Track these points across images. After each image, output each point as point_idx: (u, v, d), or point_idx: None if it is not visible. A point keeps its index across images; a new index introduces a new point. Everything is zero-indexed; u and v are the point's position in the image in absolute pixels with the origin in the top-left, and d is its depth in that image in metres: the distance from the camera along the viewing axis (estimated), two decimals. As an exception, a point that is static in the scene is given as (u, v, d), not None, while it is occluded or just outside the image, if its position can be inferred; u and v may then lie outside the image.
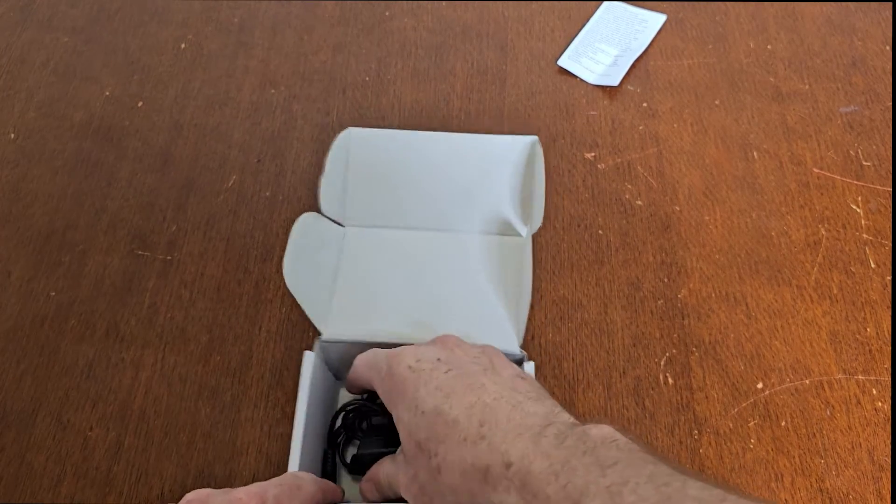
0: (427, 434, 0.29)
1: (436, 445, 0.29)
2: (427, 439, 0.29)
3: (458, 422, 0.29)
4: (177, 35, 0.59)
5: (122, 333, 0.46)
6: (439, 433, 0.29)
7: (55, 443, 0.42)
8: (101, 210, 0.51)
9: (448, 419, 0.29)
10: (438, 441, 0.29)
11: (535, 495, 0.25)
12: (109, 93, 0.56)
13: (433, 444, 0.29)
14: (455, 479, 0.28)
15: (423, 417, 0.30)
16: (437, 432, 0.29)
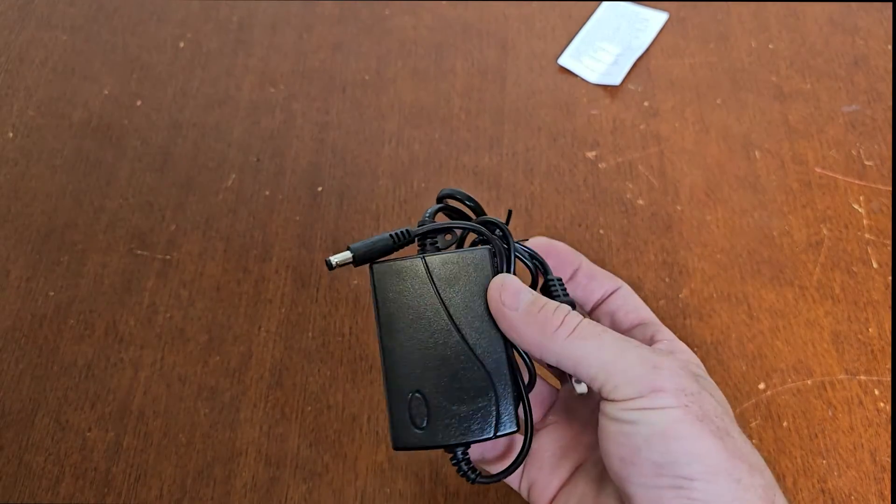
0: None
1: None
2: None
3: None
4: (176, 34, 0.59)
5: (120, 333, 0.46)
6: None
7: (54, 443, 0.42)
8: (100, 209, 0.50)
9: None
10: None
11: None
12: (108, 91, 0.56)
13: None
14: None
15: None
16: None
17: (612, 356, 0.28)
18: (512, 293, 0.30)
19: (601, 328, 0.29)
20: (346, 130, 0.54)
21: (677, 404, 0.27)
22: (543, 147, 0.53)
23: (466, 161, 0.52)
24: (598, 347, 0.29)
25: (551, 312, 0.29)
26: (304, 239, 0.49)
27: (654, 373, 0.28)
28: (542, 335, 0.29)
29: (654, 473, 0.27)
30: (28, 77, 0.57)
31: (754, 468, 0.27)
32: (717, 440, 0.27)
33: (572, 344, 0.29)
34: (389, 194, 0.51)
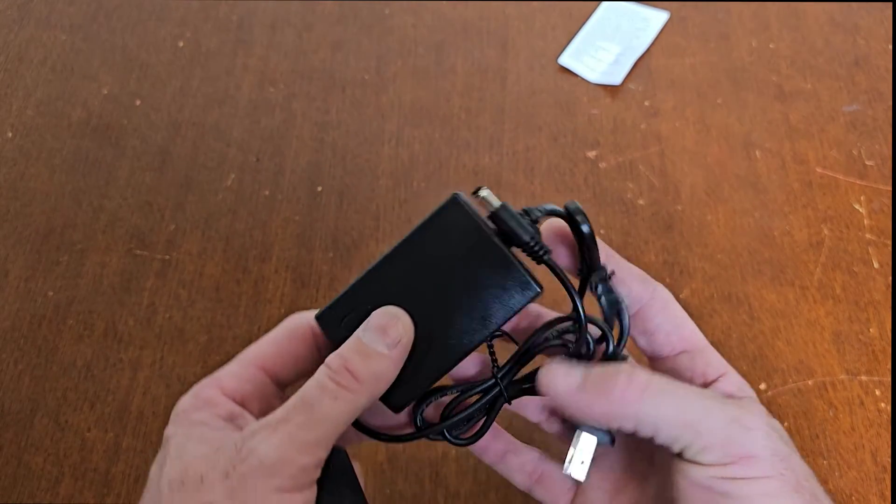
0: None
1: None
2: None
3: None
4: (175, 33, 0.59)
5: (120, 333, 0.45)
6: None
7: (53, 443, 0.42)
8: (99, 209, 0.50)
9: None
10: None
11: None
12: (107, 91, 0.56)
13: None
14: None
15: None
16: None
17: (696, 415, 0.25)
18: (560, 377, 0.27)
19: (671, 381, 0.26)
20: (345, 130, 0.54)
21: (773, 473, 0.25)
22: (544, 146, 0.53)
23: (466, 160, 0.52)
24: (678, 406, 0.25)
25: (611, 377, 0.26)
26: (304, 239, 0.49)
27: (745, 435, 0.25)
28: (611, 405, 0.26)
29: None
30: (27, 76, 0.57)
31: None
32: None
33: (646, 405, 0.25)
34: (389, 194, 0.51)
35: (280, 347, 0.29)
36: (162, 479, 0.25)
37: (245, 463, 0.24)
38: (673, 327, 0.29)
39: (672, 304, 0.29)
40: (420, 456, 0.41)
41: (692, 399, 0.26)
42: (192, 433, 0.26)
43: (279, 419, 0.25)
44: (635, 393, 0.26)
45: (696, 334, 0.29)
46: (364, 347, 0.26)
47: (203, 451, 0.25)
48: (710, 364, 0.29)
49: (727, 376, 0.28)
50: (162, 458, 0.26)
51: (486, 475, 0.41)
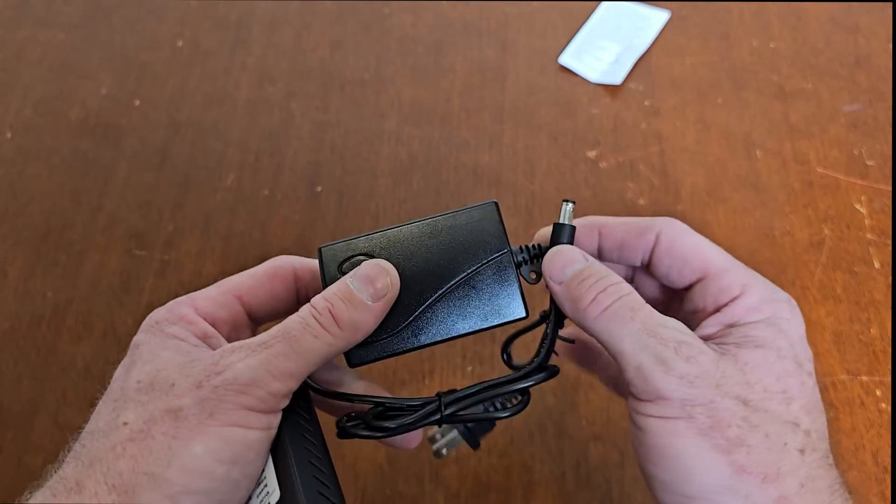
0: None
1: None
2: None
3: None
4: (174, 32, 0.59)
5: (119, 333, 0.45)
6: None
7: (53, 444, 0.42)
8: (98, 209, 0.50)
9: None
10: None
11: None
12: (106, 90, 0.56)
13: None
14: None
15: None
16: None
17: (629, 349, 0.26)
18: (558, 266, 0.28)
19: (634, 309, 0.27)
20: (345, 129, 0.54)
21: (682, 414, 0.25)
22: (544, 146, 0.53)
23: (466, 160, 0.52)
24: (620, 335, 0.26)
25: (586, 288, 0.27)
26: (303, 238, 0.49)
27: (663, 377, 0.26)
28: (576, 311, 0.27)
29: (663, 489, 0.26)
30: (25, 76, 0.56)
31: (768, 479, 0.25)
32: (721, 454, 0.25)
33: (599, 324, 0.27)
34: (388, 193, 0.51)
35: (260, 282, 0.30)
36: (128, 380, 0.26)
37: (220, 376, 0.25)
38: (682, 262, 0.29)
39: (680, 237, 0.30)
40: (420, 456, 0.41)
41: (635, 331, 0.26)
42: (165, 343, 0.27)
43: (259, 343, 0.26)
44: (595, 309, 0.27)
45: (713, 259, 0.29)
46: (350, 294, 0.27)
47: (177, 360, 0.26)
48: (721, 289, 0.28)
49: (738, 300, 0.28)
50: (129, 362, 0.27)
51: (486, 476, 0.41)
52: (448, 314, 0.29)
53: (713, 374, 0.26)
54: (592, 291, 0.27)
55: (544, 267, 0.29)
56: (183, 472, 0.24)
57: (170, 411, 0.24)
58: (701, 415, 0.25)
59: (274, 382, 0.25)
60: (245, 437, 0.24)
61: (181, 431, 0.24)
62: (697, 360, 0.26)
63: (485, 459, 0.41)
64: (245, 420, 0.24)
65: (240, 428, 0.24)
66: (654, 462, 0.26)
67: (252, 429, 0.25)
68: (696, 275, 0.29)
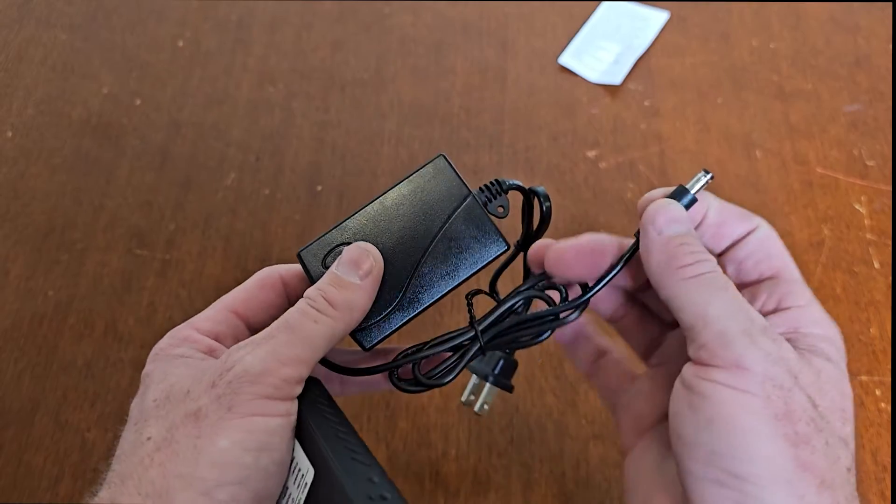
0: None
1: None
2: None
3: None
4: (174, 32, 0.59)
5: (120, 333, 0.45)
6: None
7: (53, 443, 0.42)
8: (99, 208, 0.50)
9: None
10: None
11: None
12: (107, 90, 0.56)
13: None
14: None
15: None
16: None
17: (717, 313, 0.25)
18: (668, 218, 0.28)
19: (726, 285, 0.26)
20: (345, 129, 0.54)
21: (759, 392, 0.24)
22: (544, 146, 0.53)
23: (466, 160, 0.52)
24: (708, 300, 0.26)
25: (687, 252, 0.27)
26: (304, 238, 0.49)
27: (747, 348, 0.24)
28: (667, 267, 0.27)
29: (707, 461, 0.24)
30: (27, 76, 0.57)
31: (825, 485, 0.24)
32: (789, 446, 0.24)
33: (686, 286, 0.26)
34: (389, 194, 0.51)
35: (252, 294, 0.30)
36: (145, 402, 0.26)
37: (231, 371, 0.25)
38: (765, 256, 0.29)
39: (772, 238, 0.29)
40: (420, 456, 0.41)
41: (724, 300, 0.26)
42: (173, 363, 0.27)
43: (263, 336, 0.26)
44: (688, 272, 0.26)
45: (789, 267, 0.29)
46: (338, 279, 0.28)
47: (188, 372, 0.26)
48: (790, 294, 0.28)
49: (804, 309, 0.28)
50: (142, 390, 0.27)
51: (486, 475, 0.41)
52: (438, 271, 0.30)
53: (794, 363, 0.25)
54: (692, 257, 0.27)
55: (650, 211, 0.28)
56: (213, 467, 0.24)
57: (189, 415, 0.25)
58: (778, 399, 0.24)
59: (284, 369, 0.26)
60: (266, 425, 0.25)
61: (204, 430, 0.24)
62: (782, 345, 0.25)
63: (485, 459, 0.41)
64: (263, 408, 0.25)
65: (260, 417, 0.25)
66: (711, 431, 0.24)
67: (272, 416, 0.25)
68: (771, 271, 0.29)
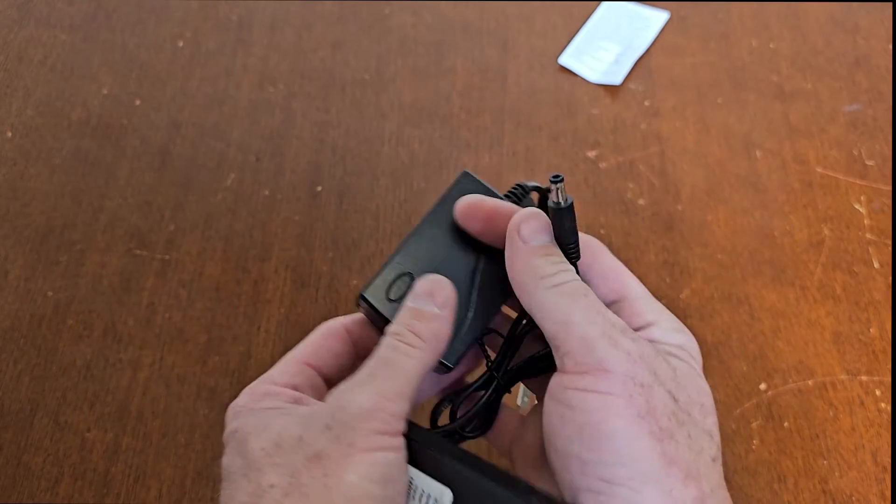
0: None
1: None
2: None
3: None
4: (175, 33, 0.59)
5: (119, 333, 0.45)
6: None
7: (53, 443, 0.42)
8: (99, 209, 0.50)
9: None
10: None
11: None
12: (107, 91, 0.56)
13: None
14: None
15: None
16: None
17: (577, 319, 0.26)
18: (532, 228, 0.28)
19: (587, 292, 0.27)
20: (345, 130, 0.54)
21: (621, 393, 0.25)
22: (544, 146, 0.53)
23: (467, 160, 0.52)
24: (570, 308, 0.26)
25: (549, 263, 0.28)
26: (304, 239, 0.49)
27: (607, 350, 0.25)
28: (530, 276, 0.28)
29: (581, 471, 0.25)
30: (27, 76, 0.57)
31: (690, 477, 0.24)
32: (654, 442, 0.24)
33: (548, 295, 0.27)
34: (389, 194, 0.51)
35: (318, 345, 0.31)
36: (249, 453, 0.26)
37: (344, 411, 0.25)
38: (601, 281, 0.29)
39: (600, 258, 0.30)
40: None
41: (584, 307, 0.26)
42: (266, 415, 0.27)
43: (365, 375, 0.27)
44: (550, 282, 0.27)
45: (631, 285, 0.30)
46: (420, 312, 0.29)
47: (290, 420, 0.26)
48: (638, 313, 0.29)
49: (654, 326, 0.28)
50: (236, 446, 0.27)
51: (486, 475, 0.41)
52: (492, 282, 0.31)
53: (653, 361, 0.26)
54: (554, 267, 0.28)
55: (515, 221, 0.29)
56: (347, 501, 0.24)
57: (310, 458, 0.25)
58: (640, 396, 0.25)
59: (391, 405, 0.26)
60: (386, 458, 0.25)
61: (329, 469, 0.24)
62: (641, 343, 0.26)
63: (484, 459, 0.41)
64: (381, 443, 0.25)
65: (379, 451, 0.25)
66: (581, 440, 0.25)
67: (388, 450, 0.25)
68: (613, 296, 0.29)
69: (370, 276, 0.31)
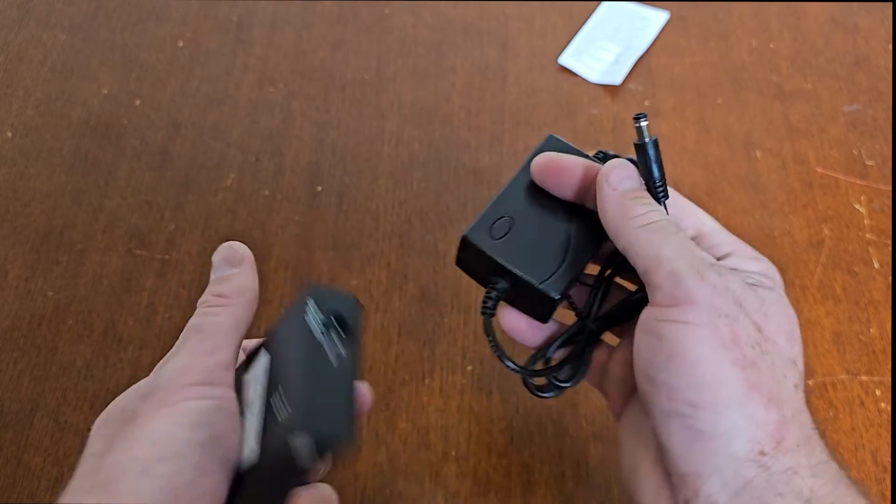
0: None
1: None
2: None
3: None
4: (175, 32, 0.59)
5: (119, 333, 0.45)
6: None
7: (53, 443, 0.42)
8: (98, 209, 0.50)
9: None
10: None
11: None
12: (107, 91, 0.56)
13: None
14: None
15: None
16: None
17: (667, 254, 0.27)
18: (620, 175, 0.30)
19: (676, 230, 0.29)
20: (345, 130, 0.54)
21: (707, 323, 0.26)
22: (544, 146, 0.53)
23: (467, 160, 0.52)
24: (660, 244, 0.28)
25: (639, 204, 0.29)
26: (304, 239, 0.49)
27: (695, 283, 0.26)
28: (622, 218, 0.29)
29: (668, 397, 0.26)
30: (27, 76, 0.57)
31: (772, 402, 0.26)
32: (737, 370, 0.26)
33: (640, 233, 0.28)
34: (389, 194, 0.51)
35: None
36: (91, 434, 0.28)
37: (160, 376, 0.27)
38: (678, 219, 0.30)
39: (675, 197, 0.31)
40: (420, 456, 0.41)
41: (675, 243, 0.28)
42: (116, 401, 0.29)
43: (179, 345, 0.29)
44: (640, 221, 0.29)
45: (704, 220, 0.31)
46: (220, 277, 0.30)
47: (121, 398, 0.29)
48: (716, 246, 0.30)
49: (733, 256, 0.30)
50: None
51: (485, 476, 0.41)
52: (585, 228, 0.32)
53: (740, 293, 0.27)
54: (644, 207, 0.29)
55: (604, 170, 0.30)
56: (150, 446, 0.25)
57: (127, 422, 0.27)
58: (725, 326, 0.26)
59: (205, 359, 0.28)
60: (197, 405, 0.26)
61: (139, 423, 0.26)
62: (728, 277, 0.27)
63: (484, 459, 0.41)
64: (192, 394, 0.27)
65: (192, 400, 0.26)
66: (669, 368, 0.26)
67: (201, 399, 0.27)
68: (690, 232, 0.31)
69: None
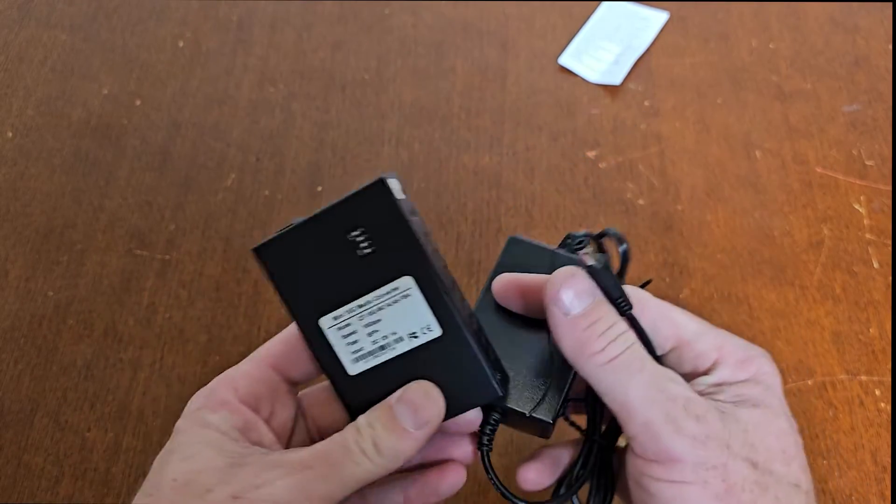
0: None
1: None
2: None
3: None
4: (175, 33, 0.59)
5: (120, 333, 0.45)
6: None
7: (53, 443, 0.42)
8: (99, 209, 0.50)
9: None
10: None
11: None
12: (108, 91, 0.56)
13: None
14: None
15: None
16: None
17: (636, 401, 0.25)
18: (570, 296, 0.26)
19: (643, 363, 0.26)
20: (345, 130, 0.54)
21: (694, 479, 0.24)
22: (544, 147, 0.53)
23: (466, 160, 0.52)
24: (626, 385, 0.25)
25: (597, 334, 0.26)
26: (304, 239, 0.49)
27: (673, 439, 0.24)
28: (580, 353, 0.26)
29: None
30: (27, 76, 0.57)
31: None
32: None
33: (602, 373, 0.25)
34: (389, 194, 0.51)
35: (292, 347, 0.29)
36: (164, 477, 0.25)
37: (257, 492, 0.24)
38: (653, 332, 0.28)
39: (647, 308, 0.28)
40: (420, 456, 0.41)
41: (643, 384, 0.25)
42: (205, 436, 0.26)
43: (300, 462, 0.25)
44: (601, 358, 0.26)
45: (680, 328, 0.28)
46: (393, 421, 0.26)
47: (215, 463, 0.25)
48: (700, 355, 0.28)
49: (719, 365, 0.27)
50: (167, 451, 0.26)
51: (485, 477, 0.41)
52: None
53: (722, 434, 0.25)
54: (603, 340, 0.26)
55: (550, 295, 0.26)
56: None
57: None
58: (715, 479, 0.24)
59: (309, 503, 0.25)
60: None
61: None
62: (707, 420, 0.25)
63: (484, 459, 0.41)
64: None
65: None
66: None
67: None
68: (669, 343, 0.28)
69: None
